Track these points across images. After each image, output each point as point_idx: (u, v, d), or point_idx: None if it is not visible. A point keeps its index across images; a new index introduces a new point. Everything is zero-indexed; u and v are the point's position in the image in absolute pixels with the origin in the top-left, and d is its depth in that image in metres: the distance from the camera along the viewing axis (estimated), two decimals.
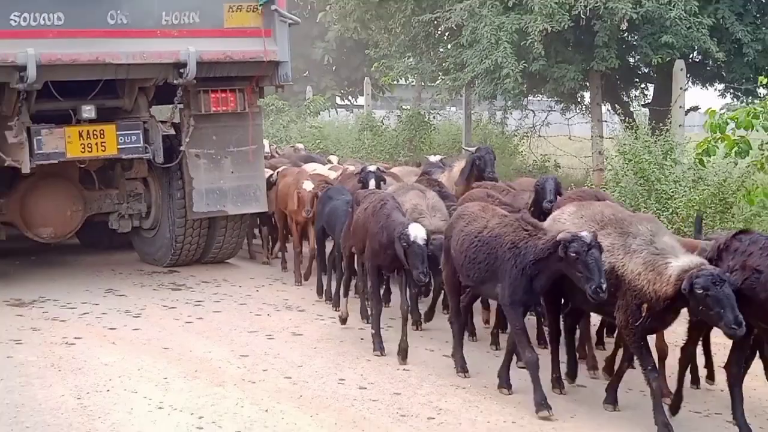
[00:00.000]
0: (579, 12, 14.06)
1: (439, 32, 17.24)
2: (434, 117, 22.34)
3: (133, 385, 6.75)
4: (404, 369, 6.99)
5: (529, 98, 18.75)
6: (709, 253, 5.90)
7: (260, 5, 10.12)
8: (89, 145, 9.80)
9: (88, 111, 9.90)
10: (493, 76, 15.40)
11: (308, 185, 9.53)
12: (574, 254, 5.52)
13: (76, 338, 8.06)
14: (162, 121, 10.47)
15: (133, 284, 10.22)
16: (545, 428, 5.87)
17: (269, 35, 10.16)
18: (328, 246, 9.54)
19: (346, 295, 8.47)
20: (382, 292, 8.32)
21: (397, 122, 22.14)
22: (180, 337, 8.14)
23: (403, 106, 24.42)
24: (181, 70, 9.72)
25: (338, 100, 34.05)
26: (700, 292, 5.12)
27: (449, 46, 18.27)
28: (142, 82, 10.17)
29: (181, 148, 10.32)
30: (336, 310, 8.76)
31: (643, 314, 5.57)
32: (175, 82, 9.88)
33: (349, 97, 34.89)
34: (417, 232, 6.70)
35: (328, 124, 26.22)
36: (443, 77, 18.64)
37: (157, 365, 7.26)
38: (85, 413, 6.18)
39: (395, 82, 24.16)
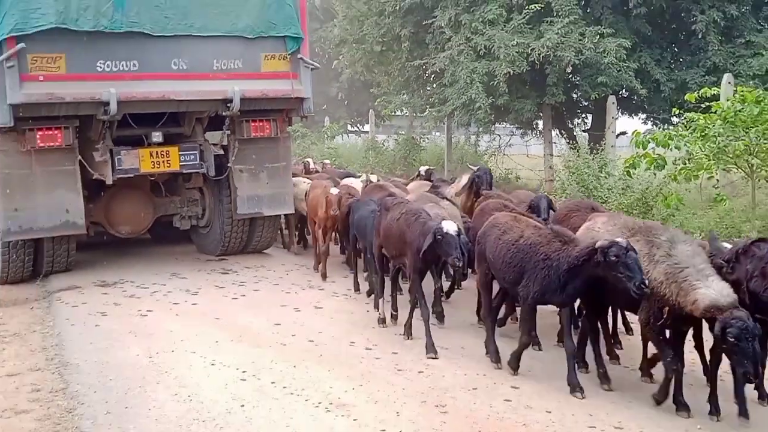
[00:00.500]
0: (534, 59, 14.09)
1: (426, 75, 17.22)
2: (423, 140, 22.35)
3: (192, 347, 6.75)
4: (401, 334, 6.97)
5: (496, 125, 18.73)
6: (726, 256, 5.34)
7: (289, 54, 10.15)
8: (158, 162, 9.86)
9: (157, 136, 9.98)
10: (469, 108, 15.44)
11: (335, 190, 9.32)
12: (614, 258, 5.02)
13: (148, 311, 8.05)
14: (214, 144, 10.50)
15: (191, 269, 10.21)
16: (510, 380, 5.87)
17: (296, 77, 10.19)
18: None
19: (381, 294, 7.75)
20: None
21: (394, 144, 22.18)
22: (228, 309, 8.12)
23: (399, 132, 24.45)
24: (228, 105, 9.77)
25: (349, 127, 34.00)
26: (732, 340, 4.63)
27: (434, 86, 18.32)
28: (199, 114, 10.20)
29: (229, 165, 10.36)
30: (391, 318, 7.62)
31: (665, 316, 5.11)
32: (223, 113, 9.95)
33: (358, 125, 34.80)
34: (449, 226, 6.21)
35: (341, 146, 26.26)
36: (430, 109, 18.69)
37: (210, 331, 7.25)
38: (155, 369, 6.19)
39: (393, 113, 24.15)
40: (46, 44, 8.80)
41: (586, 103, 17.57)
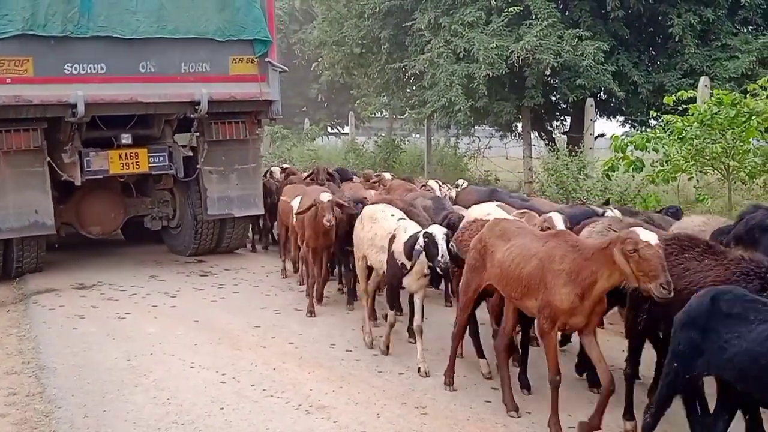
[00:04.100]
0: (513, 61, 14.13)
1: (406, 77, 17.22)
2: (403, 142, 22.36)
3: (170, 350, 6.71)
4: (380, 336, 6.96)
5: (475, 127, 18.77)
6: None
7: (257, 57, 10.37)
8: (127, 164, 10.02)
9: (126, 138, 10.11)
10: (448, 110, 15.46)
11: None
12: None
13: (126, 313, 8.00)
14: (183, 146, 10.61)
15: (170, 272, 10.16)
16: (490, 382, 5.88)
17: (264, 80, 10.44)
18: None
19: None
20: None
21: (374, 146, 22.15)
22: (207, 312, 8.08)
23: (380, 134, 24.46)
24: (196, 107, 9.94)
25: (329, 129, 33.96)
26: None
27: (414, 88, 18.31)
28: (167, 116, 10.31)
29: (198, 166, 10.50)
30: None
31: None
32: (191, 116, 10.11)
33: (338, 127, 34.78)
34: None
35: (321, 148, 26.19)
36: (410, 111, 18.75)
37: (189, 334, 7.22)
38: (133, 372, 6.15)
39: (373, 115, 24.19)
40: (14, 48, 8.98)
41: (564, 106, 17.63)
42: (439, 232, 5.75)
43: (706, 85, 12.15)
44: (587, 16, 15.18)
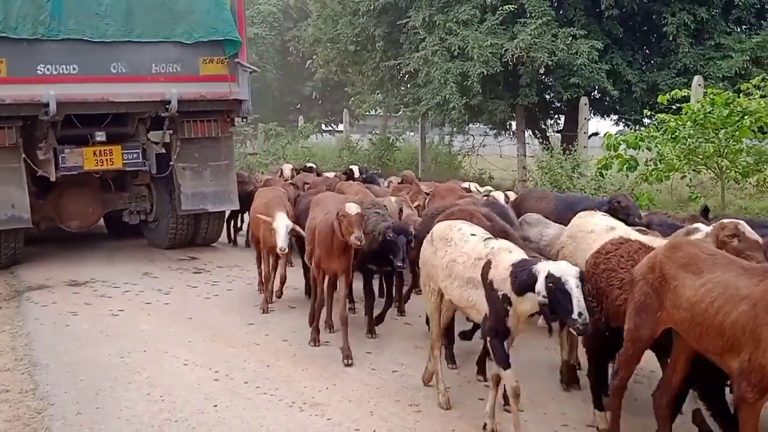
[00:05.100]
0: (508, 60, 14.16)
1: (401, 75, 17.23)
2: (397, 140, 22.37)
3: (164, 347, 6.69)
4: (374, 334, 6.97)
5: (469, 125, 18.80)
6: None
7: (226, 58, 10.69)
8: (101, 161, 10.31)
9: (100, 136, 10.42)
10: (443, 108, 15.50)
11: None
12: None
13: (119, 311, 7.98)
14: (156, 143, 10.95)
15: (163, 269, 10.15)
16: (481, 381, 5.89)
17: (234, 80, 10.78)
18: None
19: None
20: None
21: (369, 144, 22.17)
22: (201, 309, 8.07)
23: (374, 132, 24.48)
24: (167, 106, 10.26)
25: (323, 127, 33.94)
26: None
27: (409, 86, 18.35)
28: (140, 115, 10.65)
29: (171, 163, 10.76)
30: None
31: None
32: (163, 114, 10.44)
33: (332, 124, 34.77)
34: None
35: (315, 145, 26.22)
36: (404, 109, 18.75)
37: (183, 331, 7.21)
38: (126, 369, 6.14)
39: (367, 113, 24.22)
40: None
41: (558, 104, 17.68)
42: (570, 274, 4.13)
43: (699, 85, 12.19)
44: (581, 14, 15.22)
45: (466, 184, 9.87)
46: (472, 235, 4.99)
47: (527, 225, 6.75)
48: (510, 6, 14.57)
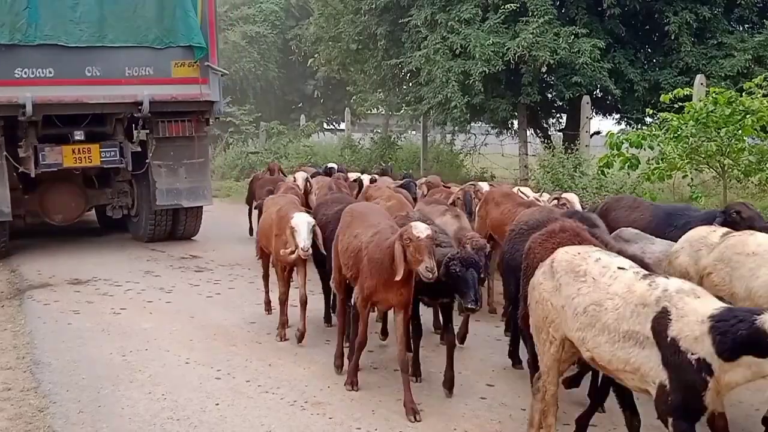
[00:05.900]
0: (510, 58, 14.13)
1: (402, 73, 17.23)
2: (399, 139, 22.36)
3: (166, 345, 6.71)
4: (375, 332, 6.96)
5: (471, 124, 18.76)
6: None
7: (196, 62, 11.27)
8: (80, 158, 10.96)
9: (79, 135, 11.07)
10: (444, 107, 15.45)
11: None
12: None
13: (121, 309, 8.00)
14: (132, 142, 11.43)
15: (165, 267, 10.18)
16: (485, 379, 5.89)
17: (205, 83, 11.44)
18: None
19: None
20: None
21: (370, 142, 22.16)
22: (202, 308, 8.09)
23: (376, 131, 24.47)
24: (140, 107, 10.86)
25: (325, 125, 33.94)
26: None
27: (410, 84, 18.30)
28: (117, 115, 11.23)
29: (147, 161, 11.39)
30: None
31: None
32: (136, 115, 11.08)
33: (333, 123, 34.77)
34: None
35: (317, 144, 26.20)
36: (406, 108, 18.73)
37: (185, 330, 7.22)
38: (128, 367, 6.15)
39: (369, 112, 24.21)
40: None
41: (560, 103, 17.62)
42: None
43: (702, 83, 12.15)
44: (583, 13, 15.18)
45: (515, 189, 8.51)
46: (619, 268, 3.74)
47: (623, 242, 5.50)
48: (512, 5, 14.54)
